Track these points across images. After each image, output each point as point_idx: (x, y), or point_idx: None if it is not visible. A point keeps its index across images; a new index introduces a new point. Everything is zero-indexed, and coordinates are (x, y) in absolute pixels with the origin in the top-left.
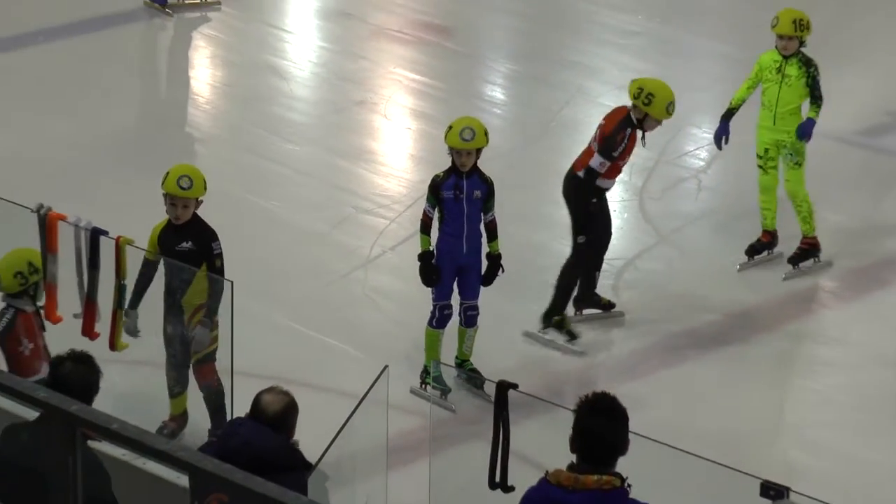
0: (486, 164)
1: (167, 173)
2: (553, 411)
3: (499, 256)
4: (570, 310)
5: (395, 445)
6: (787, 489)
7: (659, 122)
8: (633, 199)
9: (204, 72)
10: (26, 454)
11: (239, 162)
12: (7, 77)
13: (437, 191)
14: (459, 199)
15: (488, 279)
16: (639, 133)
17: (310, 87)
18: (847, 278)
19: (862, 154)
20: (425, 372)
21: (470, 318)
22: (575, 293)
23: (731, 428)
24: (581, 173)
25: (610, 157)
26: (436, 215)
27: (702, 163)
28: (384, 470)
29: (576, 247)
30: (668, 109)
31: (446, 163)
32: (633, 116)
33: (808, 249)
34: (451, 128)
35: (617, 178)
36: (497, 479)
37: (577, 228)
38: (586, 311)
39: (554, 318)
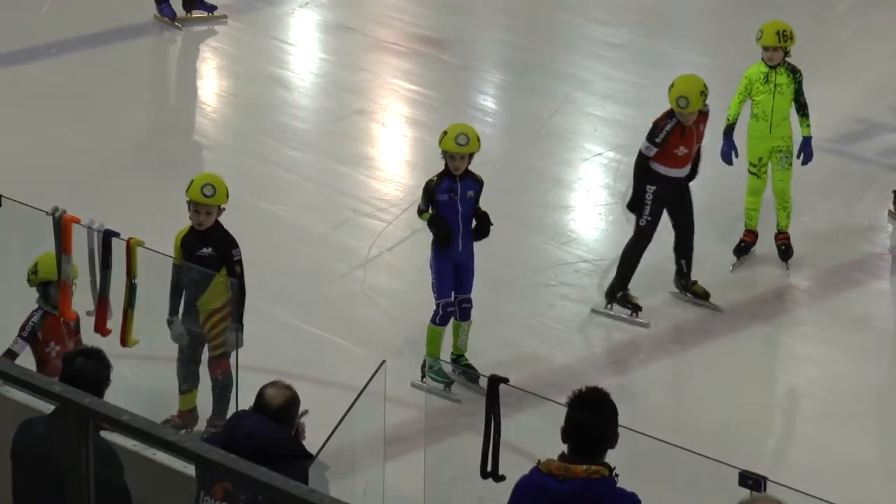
0: (478, 169)
1: (192, 181)
2: (542, 404)
3: (486, 214)
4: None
5: (392, 436)
6: (765, 479)
7: (685, 114)
8: (618, 202)
9: (211, 82)
10: (42, 446)
11: (244, 167)
12: (22, 88)
13: (432, 195)
14: (454, 200)
15: (481, 234)
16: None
17: (311, 96)
18: (821, 278)
19: (834, 160)
20: (426, 366)
21: (465, 311)
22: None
23: (713, 420)
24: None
25: (654, 142)
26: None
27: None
28: (381, 460)
29: (636, 228)
30: (679, 103)
31: (439, 168)
32: (677, 118)
33: (789, 243)
34: (445, 133)
35: (684, 168)
36: (489, 468)
37: (636, 210)
38: (687, 296)
39: (617, 293)
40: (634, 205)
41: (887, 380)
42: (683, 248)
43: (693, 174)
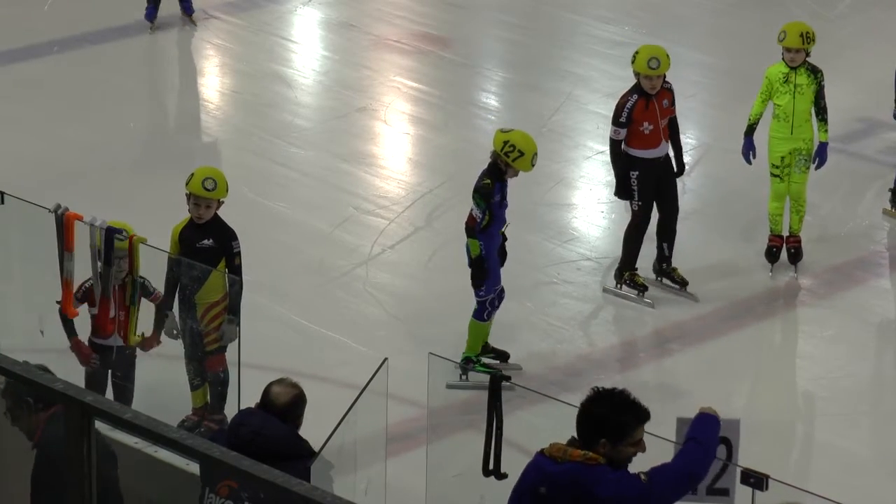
0: (480, 166)
1: (192, 174)
2: (544, 402)
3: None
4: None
5: (394, 434)
6: (767, 477)
7: (653, 79)
8: (620, 200)
9: (214, 79)
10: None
11: (247, 165)
12: (24, 85)
13: (490, 197)
14: (502, 201)
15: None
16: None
17: (314, 94)
18: (823, 276)
19: (836, 158)
20: (467, 362)
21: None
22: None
23: None
24: None
25: (618, 123)
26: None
27: (686, 167)
28: (384, 457)
29: (631, 212)
30: (651, 64)
31: (442, 165)
32: (642, 85)
33: (799, 246)
34: (522, 154)
35: (658, 147)
36: (491, 466)
37: (623, 196)
38: (665, 281)
39: (624, 274)
40: (620, 192)
41: (889, 377)
42: (665, 232)
43: (680, 167)
